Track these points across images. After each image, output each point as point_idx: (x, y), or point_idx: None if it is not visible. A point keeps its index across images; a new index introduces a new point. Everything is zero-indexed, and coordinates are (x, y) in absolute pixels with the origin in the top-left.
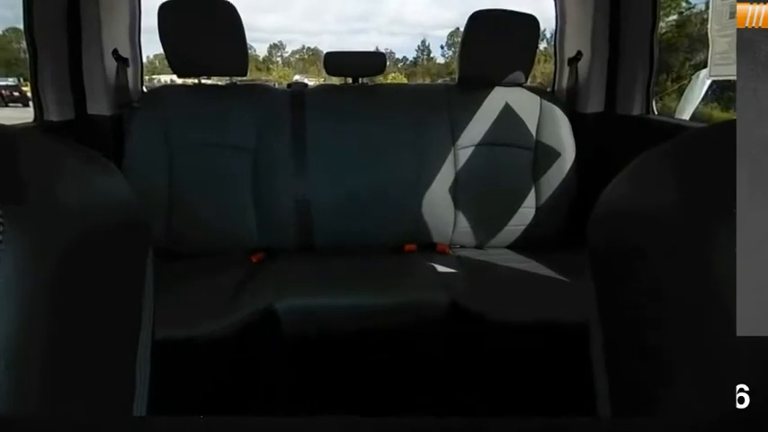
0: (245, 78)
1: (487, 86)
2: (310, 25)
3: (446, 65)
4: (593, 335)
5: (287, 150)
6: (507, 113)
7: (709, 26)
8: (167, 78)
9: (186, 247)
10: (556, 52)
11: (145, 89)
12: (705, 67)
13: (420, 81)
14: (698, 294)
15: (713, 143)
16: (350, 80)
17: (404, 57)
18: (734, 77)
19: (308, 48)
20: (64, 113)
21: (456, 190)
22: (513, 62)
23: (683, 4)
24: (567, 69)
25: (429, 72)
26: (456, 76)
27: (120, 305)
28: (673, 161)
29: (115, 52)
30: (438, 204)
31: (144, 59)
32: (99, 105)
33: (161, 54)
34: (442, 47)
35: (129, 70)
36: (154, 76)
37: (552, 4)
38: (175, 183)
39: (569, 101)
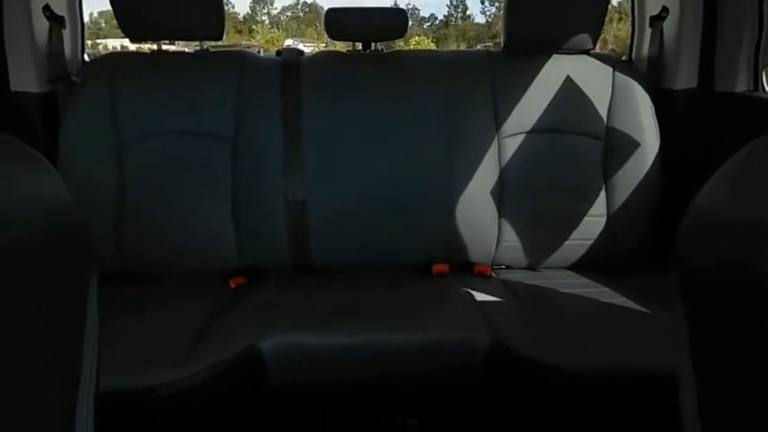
0: (220, 44)
1: (542, 54)
2: None
3: (488, 26)
4: (685, 384)
5: (276, 139)
6: (568, 90)
7: None
8: (116, 44)
9: (142, 267)
10: (633, 9)
11: (87, 58)
12: None
13: (453, 47)
14: None
15: None
16: (359, 46)
17: (431, 15)
18: None
19: (304, 2)
20: None
21: (500, 192)
22: (577, 22)
23: None
24: (648, 32)
25: (464, 35)
26: (501, 40)
27: (53, 345)
28: None
29: (47, 9)
30: (477, 211)
31: (86, 19)
32: (25, 80)
33: (108, 12)
34: (482, 1)
35: (66, 33)
36: (99, 41)
37: None
38: (127, 182)
39: (652, 73)
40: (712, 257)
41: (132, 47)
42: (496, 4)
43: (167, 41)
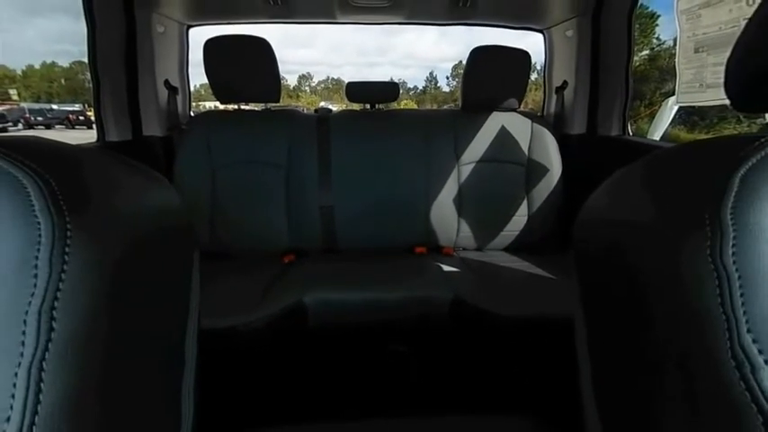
0: (277, 105)
1: (486, 111)
2: (334, 58)
3: (451, 93)
4: (578, 328)
5: (314, 166)
6: (503, 134)
7: (677, 59)
8: (211, 105)
9: (228, 249)
10: (545, 82)
11: (192, 114)
12: (673, 94)
13: (428, 107)
14: (670, 291)
15: (681, 160)
16: (368, 106)
17: (414, 86)
18: (698, 104)
19: (332, 78)
20: (122, 134)
21: (459, 200)
22: (508, 91)
23: (654, 41)
24: (554, 97)
25: (436, 99)
26: (459, 102)
27: (172, 297)
28: (647, 176)
29: (167, 82)
30: (444, 212)
31: (191, 88)
32: (153, 128)
33: (206, 83)
34: (447, 77)
35: (179, 97)
36: (200, 103)
37: (542, 40)
38: (218, 194)
39: (556, 124)
40: (597, 242)
41: (221, 107)
42: (456, 80)
43: (243, 103)
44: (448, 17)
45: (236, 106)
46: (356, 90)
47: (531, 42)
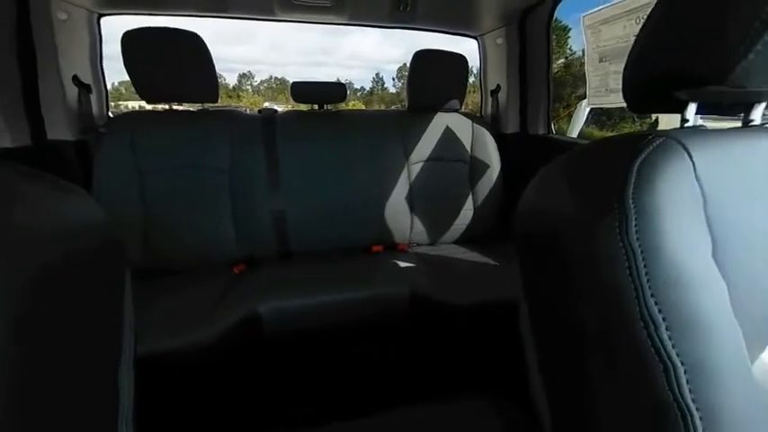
0: (216, 105)
1: (431, 112)
2: (276, 57)
3: (397, 94)
4: (522, 309)
5: (262, 169)
6: (448, 134)
7: (586, 67)
8: (135, 105)
9: (167, 264)
10: (481, 85)
11: (111, 114)
12: (585, 98)
13: (376, 107)
14: (591, 270)
15: (592, 156)
16: (315, 107)
17: (362, 87)
18: (605, 106)
19: (276, 78)
20: (18, 139)
21: (411, 198)
22: (450, 92)
23: (568, 51)
24: (490, 99)
25: (383, 100)
26: (406, 103)
27: (99, 322)
28: (566, 171)
29: (75, 78)
30: (397, 210)
31: (108, 86)
32: (60, 131)
33: (127, 81)
34: (393, 78)
35: (93, 96)
36: (121, 103)
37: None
38: (149, 203)
39: (494, 124)
40: (533, 231)
41: (148, 107)
42: (402, 81)
43: (176, 103)
44: (389, 20)
45: (166, 106)
46: (303, 90)
47: (468, 49)
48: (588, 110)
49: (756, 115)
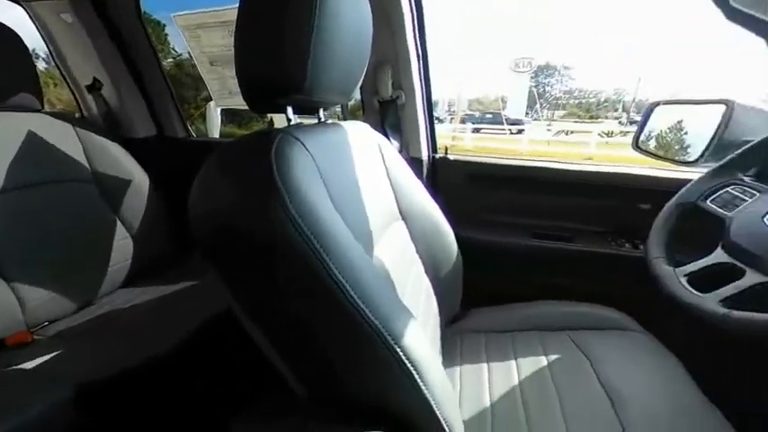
0: None
1: None
2: None
3: None
4: (237, 309)
5: None
6: (40, 144)
7: (200, 70)
8: None
9: None
10: (65, 78)
11: None
12: (212, 99)
13: None
14: (274, 249)
15: (239, 151)
16: None
17: None
18: (232, 107)
19: None
20: None
21: None
22: (15, 83)
23: (173, 52)
24: (89, 96)
25: None
26: None
27: None
28: (220, 168)
29: None
30: None
31: None
32: None
33: None
34: None
35: None
36: None
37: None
38: None
39: (113, 127)
40: (210, 233)
41: None
42: None
43: None
44: None
45: None
46: None
47: (12, 16)
48: (220, 111)
49: (322, 115)
